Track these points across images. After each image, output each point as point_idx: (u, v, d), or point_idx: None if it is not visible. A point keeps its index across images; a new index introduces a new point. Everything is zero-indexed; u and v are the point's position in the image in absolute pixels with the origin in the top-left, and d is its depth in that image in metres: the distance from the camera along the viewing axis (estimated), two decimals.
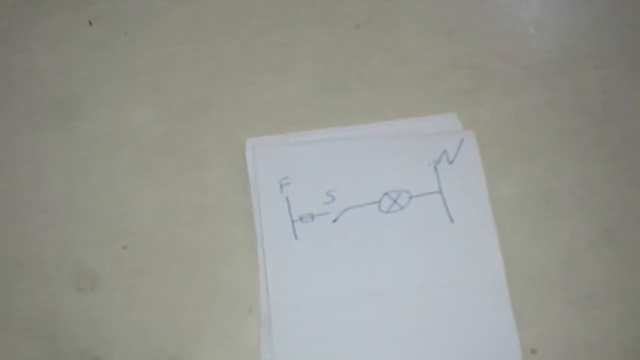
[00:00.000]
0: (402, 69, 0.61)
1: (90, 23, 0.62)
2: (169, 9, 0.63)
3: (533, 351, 0.52)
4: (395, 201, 0.55)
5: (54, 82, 0.60)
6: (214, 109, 0.59)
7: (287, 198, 0.55)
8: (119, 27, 0.62)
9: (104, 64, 0.61)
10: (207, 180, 0.57)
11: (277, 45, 0.61)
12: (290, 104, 0.59)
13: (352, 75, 0.61)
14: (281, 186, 0.55)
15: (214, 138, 0.58)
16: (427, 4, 0.64)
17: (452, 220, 0.55)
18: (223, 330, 0.53)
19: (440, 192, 0.55)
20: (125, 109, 0.59)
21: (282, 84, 0.60)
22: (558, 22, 0.64)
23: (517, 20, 0.63)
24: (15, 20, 0.62)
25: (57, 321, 0.53)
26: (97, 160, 0.57)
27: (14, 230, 0.55)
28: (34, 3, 0.63)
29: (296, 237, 0.54)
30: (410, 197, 0.55)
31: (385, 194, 0.55)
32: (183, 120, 0.59)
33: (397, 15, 0.63)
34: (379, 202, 0.55)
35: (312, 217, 0.54)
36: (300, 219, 0.54)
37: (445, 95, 0.60)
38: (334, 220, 0.54)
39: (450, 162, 0.56)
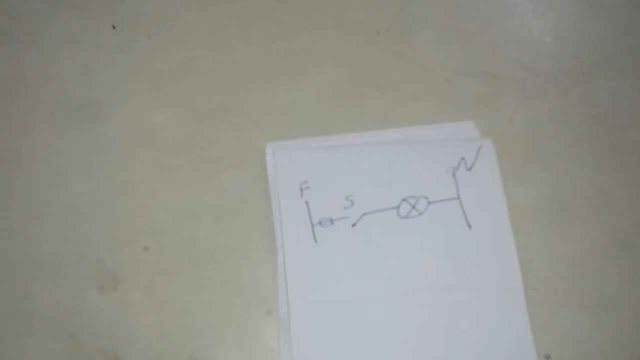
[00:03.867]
0: (419, 76, 0.61)
1: (114, 27, 0.62)
2: (191, 14, 0.64)
3: (547, 356, 0.52)
4: (413, 207, 0.56)
5: (75, 84, 0.61)
6: (233, 113, 0.60)
7: (307, 202, 0.55)
8: (141, 30, 0.63)
9: (125, 67, 0.61)
10: (227, 183, 0.57)
11: (297, 51, 0.62)
12: (309, 109, 0.60)
13: (370, 82, 0.61)
14: (301, 190, 0.56)
15: (233, 141, 0.59)
16: (444, 12, 0.64)
17: (469, 227, 0.55)
18: (242, 331, 0.53)
19: (458, 198, 0.56)
20: (146, 112, 0.60)
21: (301, 90, 0.61)
22: (573, 32, 0.64)
23: (533, 30, 0.64)
24: (38, 23, 0.63)
25: (78, 320, 0.53)
26: (118, 162, 0.58)
27: (36, 231, 0.56)
28: (56, 6, 0.63)
29: (316, 241, 0.55)
30: (429, 203, 0.56)
31: (404, 199, 0.56)
32: (203, 124, 0.59)
33: (414, 23, 0.64)
34: (398, 207, 0.56)
35: (332, 221, 0.55)
36: (320, 222, 0.55)
37: (462, 103, 0.60)
38: (353, 225, 0.55)
39: (469, 169, 0.57)
